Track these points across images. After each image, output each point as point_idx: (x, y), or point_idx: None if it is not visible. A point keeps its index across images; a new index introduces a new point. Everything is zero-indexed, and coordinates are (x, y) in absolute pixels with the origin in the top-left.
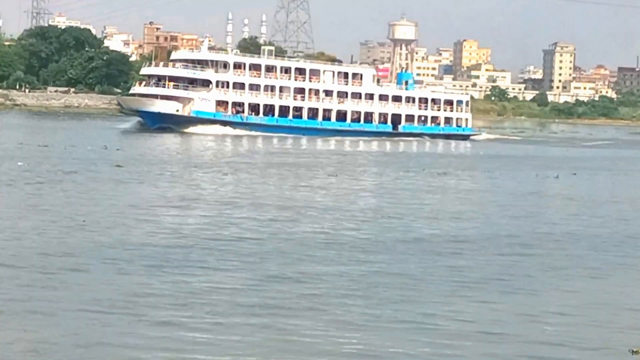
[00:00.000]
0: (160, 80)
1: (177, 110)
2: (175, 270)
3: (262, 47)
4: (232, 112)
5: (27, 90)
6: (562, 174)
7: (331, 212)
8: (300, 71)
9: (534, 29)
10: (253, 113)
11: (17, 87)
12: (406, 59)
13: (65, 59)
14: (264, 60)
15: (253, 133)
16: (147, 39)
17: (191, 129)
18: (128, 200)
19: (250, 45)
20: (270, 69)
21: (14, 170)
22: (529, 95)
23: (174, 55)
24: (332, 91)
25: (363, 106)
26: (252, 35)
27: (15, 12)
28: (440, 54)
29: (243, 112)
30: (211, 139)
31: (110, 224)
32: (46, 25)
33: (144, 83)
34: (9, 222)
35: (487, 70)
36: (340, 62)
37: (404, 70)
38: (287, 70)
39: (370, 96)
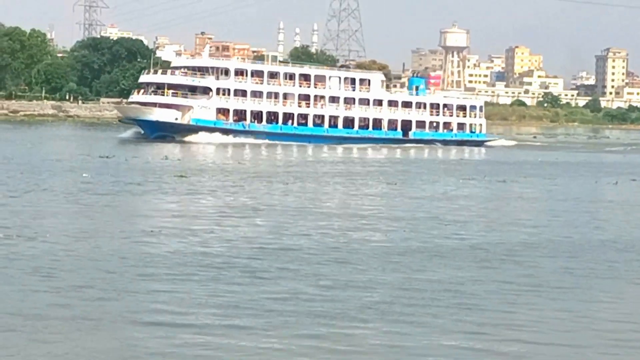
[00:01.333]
0: (159, 88)
1: (176, 119)
2: (247, 278)
3: (266, 54)
4: (234, 120)
5: (80, 102)
6: (620, 180)
7: (404, 220)
8: (305, 77)
9: (586, 34)
10: (256, 121)
11: (70, 98)
12: (458, 66)
13: (118, 70)
14: (266, 67)
15: (256, 141)
16: (198, 49)
17: (190, 138)
18: (195, 209)
19: (301, 54)
20: (273, 75)
21: (80, 181)
22: (582, 101)
23: (175, 62)
24: (338, 97)
25: (371, 112)
26: (304, 44)
27: (68, 24)
28: (492, 61)
29: (245, 119)
30: (250, 150)
31: (179, 233)
32: (98, 36)
33: (142, 91)
34: (82, 233)
35: (539, 76)
36: (386, 69)
37: (452, 78)
38: (291, 77)
39: (378, 102)
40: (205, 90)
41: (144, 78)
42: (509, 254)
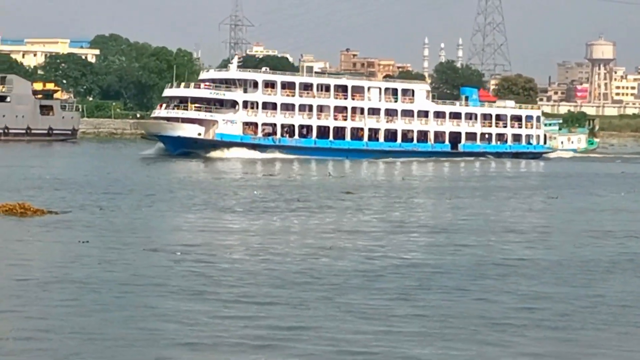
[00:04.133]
0: (182, 102)
1: (199, 134)
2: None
3: (301, 64)
4: (262, 135)
5: None
6: None
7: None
8: (342, 88)
9: None
10: (287, 135)
11: None
12: (604, 78)
13: None
14: (298, 78)
15: (286, 156)
16: (343, 66)
17: (214, 154)
18: (371, 225)
19: (447, 69)
20: (306, 87)
21: (253, 198)
22: None
23: (202, 75)
24: (379, 109)
25: (416, 124)
26: (449, 59)
27: (214, 43)
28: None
29: (275, 134)
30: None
31: (352, 249)
32: (244, 54)
33: (164, 105)
34: (263, 246)
35: None
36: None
37: (599, 91)
38: (326, 88)
39: (424, 113)
40: (232, 104)
41: (167, 92)
42: None
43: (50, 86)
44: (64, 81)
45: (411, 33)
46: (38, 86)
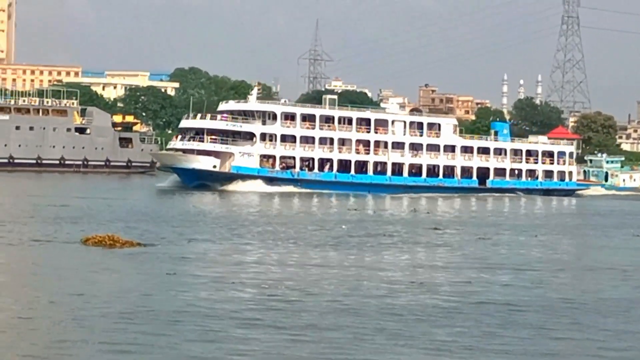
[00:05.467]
0: (197, 133)
1: (214, 166)
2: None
3: (324, 97)
4: (280, 168)
5: None
6: None
7: None
8: (365, 122)
9: None
10: (306, 168)
11: None
12: None
13: None
14: (318, 110)
15: (304, 190)
16: (422, 101)
17: (230, 187)
18: (461, 261)
19: (526, 106)
20: (327, 119)
21: (341, 232)
22: None
23: (221, 106)
24: (403, 143)
25: (442, 159)
26: (528, 96)
27: (293, 77)
28: None
29: (294, 167)
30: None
31: (443, 285)
32: (323, 89)
33: (179, 137)
34: (357, 280)
35: None
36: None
37: None
38: (348, 121)
39: (451, 148)
40: (249, 136)
41: (183, 123)
42: None
43: (129, 119)
44: (144, 114)
45: (490, 69)
46: (118, 119)
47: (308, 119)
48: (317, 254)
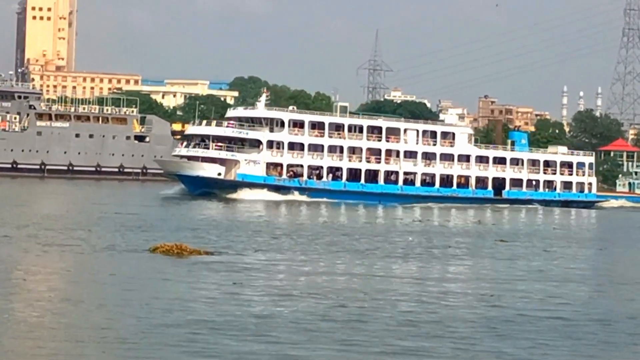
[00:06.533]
0: (203, 140)
1: (219, 174)
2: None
3: (334, 104)
4: (288, 176)
5: None
6: None
7: None
8: (376, 130)
9: None
10: (314, 177)
11: None
12: None
13: None
14: (327, 118)
15: (311, 199)
16: (481, 113)
17: (235, 195)
18: (529, 274)
19: (585, 118)
20: (337, 127)
21: (408, 243)
22: None
23: (229, 112)
24: (416, 152)
25: (456, 169)
26: (588, 108)
27: (352, 87)
28: None
29: (301, 175)
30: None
31: (513, 298)
32: (382, 99)
33: (184, 143)
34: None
35: None
36: None
37: None
38: (359, 129)
39: (465, 158)
40: (255, 143)
41: (189, 129)
42: None
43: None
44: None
45: (550, 81)
46: (177, 127)
47: (317, 126)
48: (400, 265)
